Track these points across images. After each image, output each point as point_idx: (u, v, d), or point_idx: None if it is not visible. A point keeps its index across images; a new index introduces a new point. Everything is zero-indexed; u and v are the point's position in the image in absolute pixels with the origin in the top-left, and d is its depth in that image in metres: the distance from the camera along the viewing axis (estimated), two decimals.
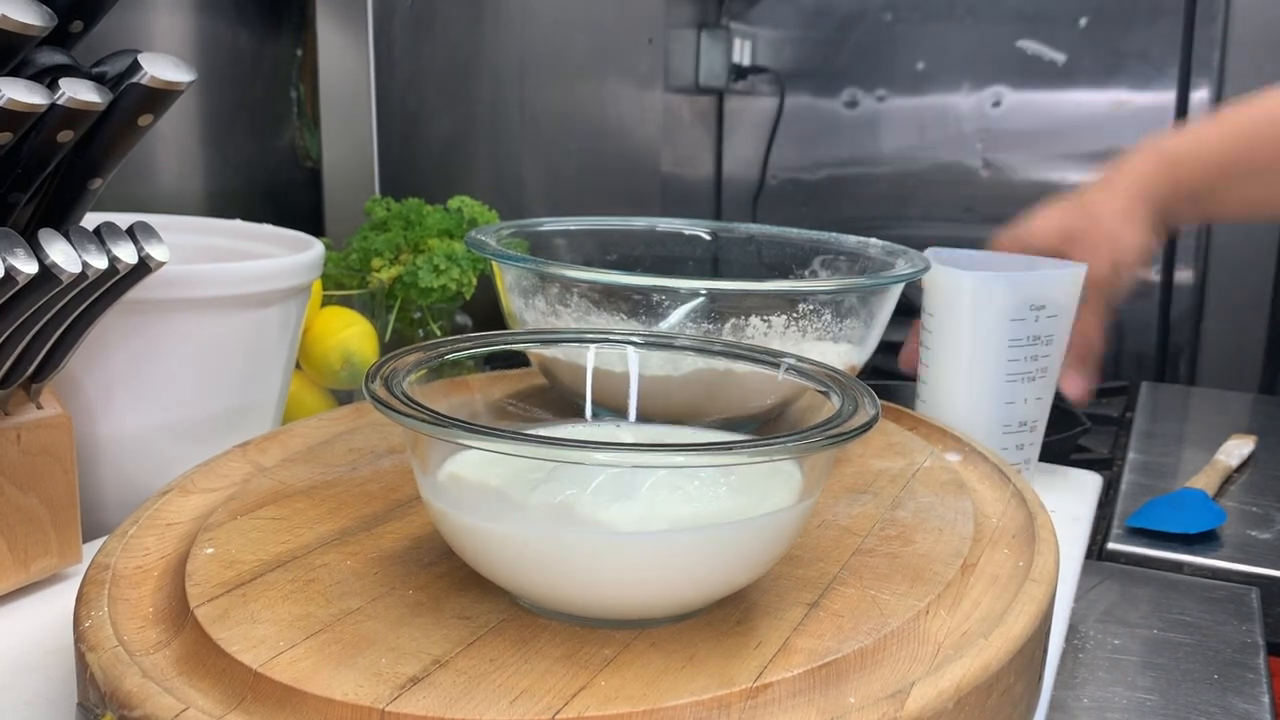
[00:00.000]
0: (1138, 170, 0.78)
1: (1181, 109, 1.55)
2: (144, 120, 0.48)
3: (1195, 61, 1.54)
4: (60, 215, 0.50)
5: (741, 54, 1.81)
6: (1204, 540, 0.81)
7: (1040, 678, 0.46)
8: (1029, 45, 1.64)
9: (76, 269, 0.46)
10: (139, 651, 0.39)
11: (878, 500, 0.54)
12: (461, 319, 1.00)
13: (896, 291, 0.64)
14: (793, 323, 0.60)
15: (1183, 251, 1.57)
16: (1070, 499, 0.74)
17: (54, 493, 0.54)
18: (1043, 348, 0.70)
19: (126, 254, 0.48)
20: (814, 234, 0.74)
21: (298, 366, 0.79)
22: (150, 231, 0.50)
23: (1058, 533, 0.50)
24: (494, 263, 0.64)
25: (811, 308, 0.60)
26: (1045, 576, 0.45)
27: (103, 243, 0.47)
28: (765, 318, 0.59)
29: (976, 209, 1.64)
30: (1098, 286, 0.75)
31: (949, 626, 0.42)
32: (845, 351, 0.62)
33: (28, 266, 0.44)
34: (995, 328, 0.69)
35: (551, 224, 0.76)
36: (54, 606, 0.53)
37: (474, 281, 0.94)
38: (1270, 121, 0.78)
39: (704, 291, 0.59)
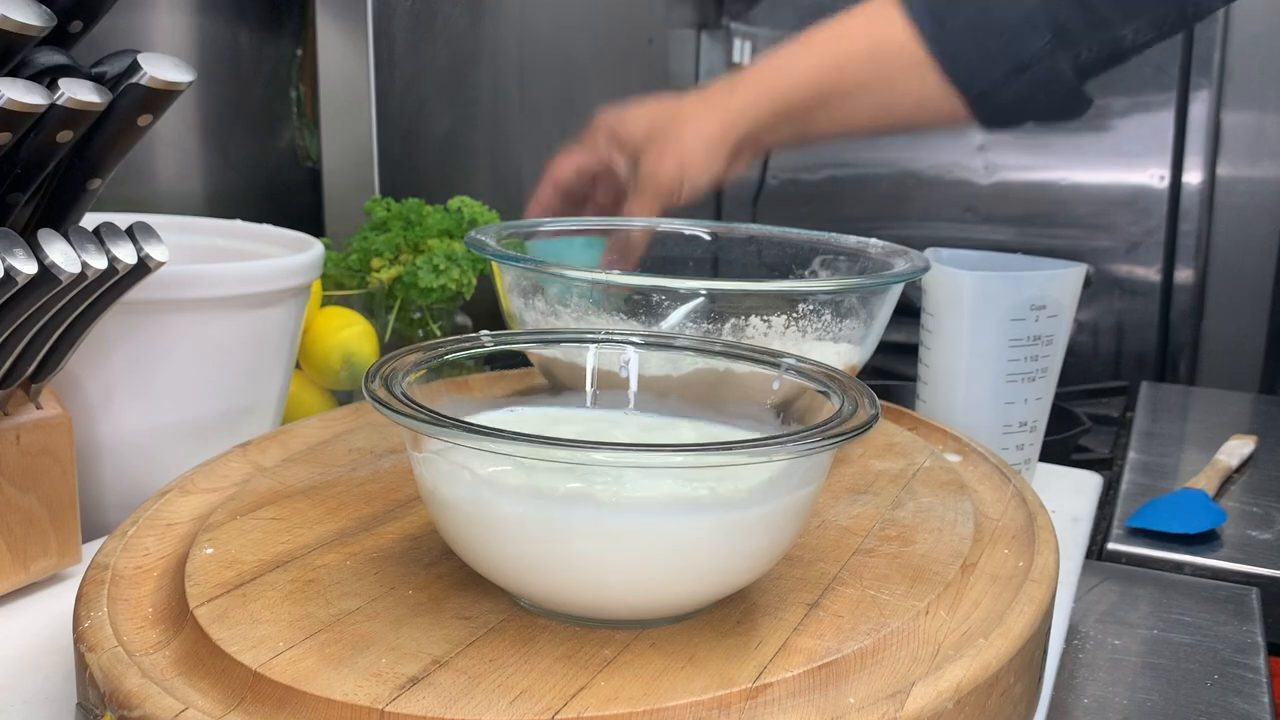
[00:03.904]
0: (738, 102, 0.81)
1: (1181, 109, 1.55)
2: (143, 120, 0.48)
3: (1195, 61, 1.54)
4: (59, 215, 0.50)
5: (742, 54, 1.80)
6: (1204, 540, 0.81)
7: (1040, 678, 0.46)
8: None
9: (76, 269, 0.46)
10: (138, 652, 0.39)
11: (878, 500, 0.54)
12: (461, 319, 1.00)
13: (896, 291, 0.64)
14: (793, 323, 0.60)
15: (1183, 251, 1.57)
16: (1070, 499, 0.74)
17: (53, 493, 0.54)
18: (1043, 348, 0.70)
19: (126, 254, 0.48)
20: (814, 234, 0.74)
21: (298, 366, 0.79)
22: (149, 232, 0.50)
23: (1058, 533, 0.50)
24: (494, 263, 0.64)
25: (811, 308, 0.60)
26: (1045, 577, 0.45)
27: (102, 243, 0.47)
28: (765, 318, 0.59)
29: (976, 209, 1.64)
30: (656, 189, 0.78)
31: (949, 626, 0.42)
32: (845, 351, 0.62)
33: (27, 267, 0.44)
34: (995, 328, 0.69)
35: (551, 224, 0.76)
36: (54, 607, 0.53)
37: (474, 281, 0.94)
38: (854, 48, 0.82)
39: (704, 291, 0.59)
